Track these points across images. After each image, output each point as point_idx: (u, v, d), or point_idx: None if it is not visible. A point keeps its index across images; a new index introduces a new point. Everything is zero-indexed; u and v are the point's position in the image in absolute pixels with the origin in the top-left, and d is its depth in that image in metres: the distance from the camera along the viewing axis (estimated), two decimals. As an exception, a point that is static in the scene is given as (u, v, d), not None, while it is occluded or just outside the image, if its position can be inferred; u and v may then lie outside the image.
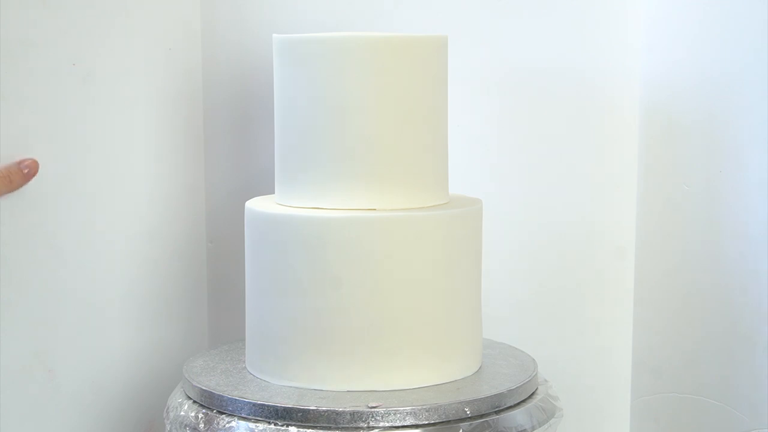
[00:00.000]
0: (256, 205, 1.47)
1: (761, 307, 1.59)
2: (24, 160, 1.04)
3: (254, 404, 1.35)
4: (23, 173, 1.05)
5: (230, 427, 1.35)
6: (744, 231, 1.61)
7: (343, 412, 1.31)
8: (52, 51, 1.50)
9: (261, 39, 1.73)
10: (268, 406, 1.34)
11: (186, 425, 1.39)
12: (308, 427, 1.32)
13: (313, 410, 1.32)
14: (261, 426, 1.33)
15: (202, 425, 1.37)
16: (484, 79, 1.75)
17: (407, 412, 1.32)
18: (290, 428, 1.32)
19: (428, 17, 1.75)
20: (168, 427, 1.43)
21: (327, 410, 1.31)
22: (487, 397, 1.37)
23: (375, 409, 1.31)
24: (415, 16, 1.75)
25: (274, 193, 1.54)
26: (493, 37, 1.75)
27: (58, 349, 1.54)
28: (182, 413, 1.40)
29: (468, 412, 1.35)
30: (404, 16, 1.75)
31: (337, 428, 1.31)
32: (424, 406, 1.33)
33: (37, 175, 1.47)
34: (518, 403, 1.41)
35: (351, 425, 1.31)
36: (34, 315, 1.51)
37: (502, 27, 1.75)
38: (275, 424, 1.33)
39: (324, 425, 1.31)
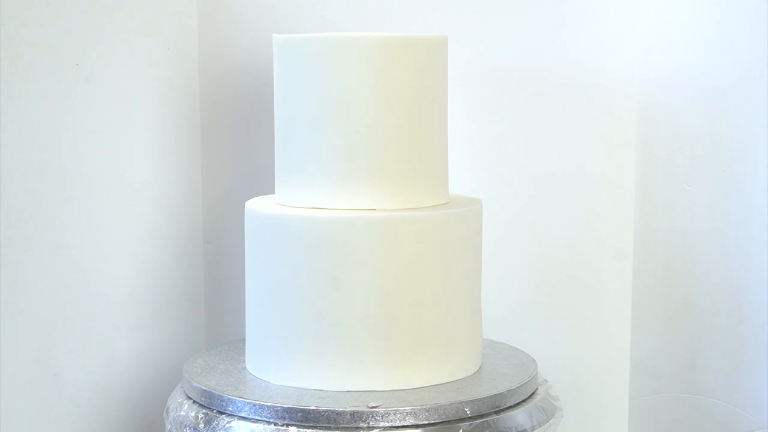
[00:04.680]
0: (256, 205, 1.47)
1: (762, 307, 1.59)
2: None
3: (254, 404, 1.35)
4: None
5: (230, 427, 1.34)
6: (747, 231, 1.61)
7: (343, 412, 1.31)
8: (53, 51, 1.49)
9: (258, 39, 1.73)
10: (268, 406, 1.34)
11: (186, 425, 1.39)
12: (308, 427, 1.32)
13: (313, 410, 1.32)
14: (261, 426, 1.33)
15: (202, 425, 1.37)
16: (483, 78, 1.75)
17: (407, 412, 1.32)
18: (290, 428, 1.32)
19: (428, 17, 1.75)
20: (168, 427, 1.43)
21: (327, 410, 1.31)
22: (487, 397, 1.37)
23: (375, 409, 1.31)
24: (415, 16, 1.75)
25: (270, 193, 1.54)
26: (493, 38, 1.75)
27: (61, 353, 1.54)
28: (182, 413, 1.40)
29: (468, 412, 1.35)
30: (404, 16, 1.75)
31: (337, 428, 1.31)
32: (424, 406, 1.33)
33: (39, 176, 1.47)
34: (518, 403, 1.41)
35: (351, 425, 1.31)
36: (37, 318, 1.51)
37: (502, 27, 1.75)
38: (275, 424, 1.33)
39: (324, 425, 1.31)
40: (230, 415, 1.36)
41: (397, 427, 1.32)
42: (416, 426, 1.32)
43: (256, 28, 1.77)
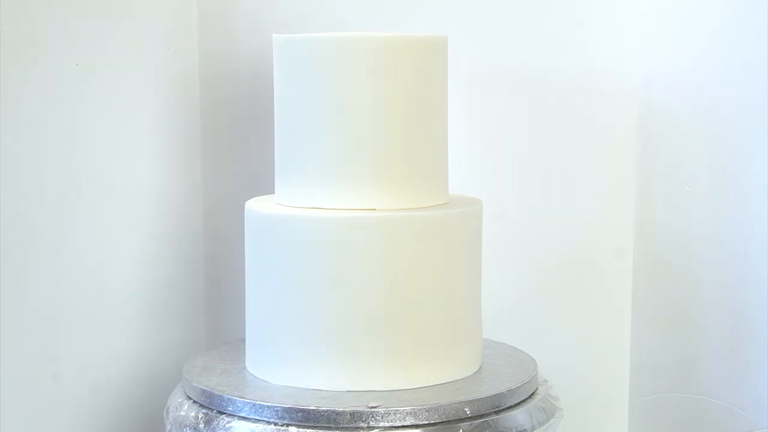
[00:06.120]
0: (256, 205, 1.47)
1: (762, 307, 1.59)
2: None
3: (254, 404, 1.35)
4: None
5: (230, 427, 1.34)
6: (747, 231, 1.61)
7: (343, 412, 1.31)
8: (53, 51, 1.49)
9: (258, 39, 1.73)
10: (268, 406, 1.34)
11: (186, 425, 1.39)
12: (308, 427, 1.32)
13: (313, 410, 1.32)
14: (261, 426, 1.33)
15: (202, 425, 1.37)
16: (484, 78, 1.75)
17: (407, 412, 1.32)
18: (290, 428, 1.32)
19: (428, 17, 1.75)
20: (168, 427, 1.43)
21: (327, 410, 1.31)
22: (487, 397, 1.37)
23: (375, 409, 1.31)
24: (415, 16, 1.75)
25: (270, 193, 1.54)
26: (493, 37, 1.75)
27: (62, 353, 1.54)
28: (182, 413, 1.40)
29: (468, 412, 1.35)
30: (404, 16, 1.75)
31: (337, 428, 1.31)
32: (424, 406, 1.33)
33: (39, 176, 1.47)
34: (518, 403, 1.41)
35: (351, 425, 1.31)
36: (37, 318, 1.51)
37: (502, 27, 1.75)
38: (275, 424, 1.33)
39: (324, 425, 1.31)
40: (230, 415, 1.36)
41: (397, 427, 1.32)
42: (416, 426, 1.32)
43: (256, 28, 1.77)
